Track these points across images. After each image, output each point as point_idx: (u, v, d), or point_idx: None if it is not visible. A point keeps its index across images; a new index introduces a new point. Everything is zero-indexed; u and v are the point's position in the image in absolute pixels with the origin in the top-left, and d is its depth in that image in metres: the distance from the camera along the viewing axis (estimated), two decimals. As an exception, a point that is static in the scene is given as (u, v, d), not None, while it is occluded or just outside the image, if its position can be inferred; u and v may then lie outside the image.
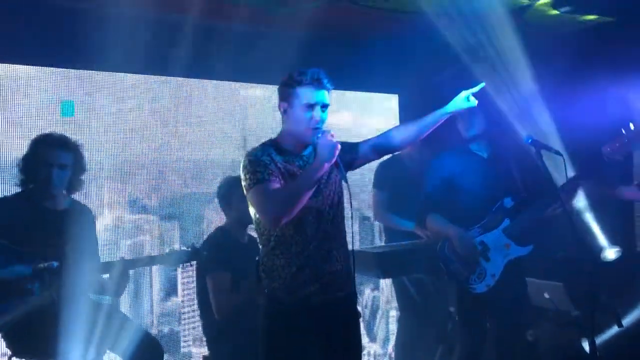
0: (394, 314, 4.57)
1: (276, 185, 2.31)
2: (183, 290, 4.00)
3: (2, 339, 2.89)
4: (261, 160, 2.34)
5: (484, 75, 4.41)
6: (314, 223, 2.37)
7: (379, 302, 4.79)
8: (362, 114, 4.82)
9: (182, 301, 4.01)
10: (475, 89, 2.57)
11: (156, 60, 3.72)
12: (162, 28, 3.62)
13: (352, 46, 4.39)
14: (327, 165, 2.29)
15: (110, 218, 3.76)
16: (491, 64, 4.58)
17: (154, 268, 3.89)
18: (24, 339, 2.76)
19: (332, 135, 2.32)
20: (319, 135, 2.33)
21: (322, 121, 2.39)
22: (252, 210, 2.45)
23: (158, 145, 3.98)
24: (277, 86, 2.47)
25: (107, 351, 2.97)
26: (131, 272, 3.03)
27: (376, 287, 4.78)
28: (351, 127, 4.66)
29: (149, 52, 3.61)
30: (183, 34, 3.69)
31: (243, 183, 2.37)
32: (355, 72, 4.36)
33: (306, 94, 2.36)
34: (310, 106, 2.36)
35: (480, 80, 2.59)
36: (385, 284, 4.63)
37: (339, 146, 2.31)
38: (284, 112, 2.42)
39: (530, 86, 4.37)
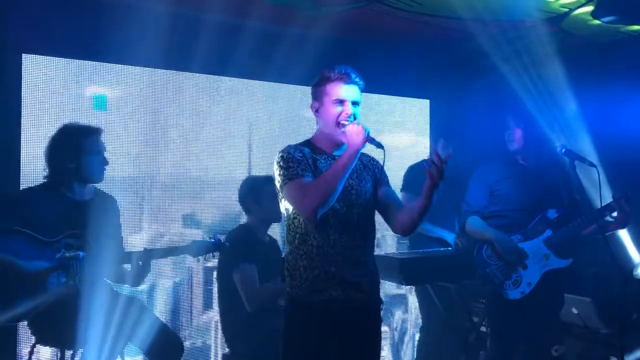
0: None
1: (310, 179, 2.30)
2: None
3: (27, 327, 2.94)
4: (294, 156, 2.33)
5: (517, 83, 4.36)
6: (339, 229, 2.33)
7: (407, 325, 4.70)
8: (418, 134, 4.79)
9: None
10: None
11: (188, 57, 3.75)
12: (194, 26, 3.65)
13: (384, 50, 4.37)
14: (357, 151, 2.26)
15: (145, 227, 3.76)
16: (526, 72, 4.51)
17: (194, 281, 3.90)
18: (49, 327, 2.79)
19: (357, 122, 2.30)
20: (344, 128, 2.31)
21: (354, 117, 2.36)
22: (283, 207, 2.43)
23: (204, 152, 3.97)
24: (308, 87, 2.46)
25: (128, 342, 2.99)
26: (170, 284, 3.02)
27: (405, 310, 4.70)
28: (408, 147, 4.64)
29: (184, 49, 3.65)
30: (214, 32, 3.71)
31: (277, 180, 2.36)
32: (387, 76, 4.33)
33: (335, 89, 2.35)
34: (340, 102, 2.35)
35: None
36: (415, 307, 4.51)
37: (368, 129, 2.28)
38: (316, 112, 2.41)
39: (567, 95, 4.29)
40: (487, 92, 4.59)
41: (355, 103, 2.38)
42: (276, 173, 2.35)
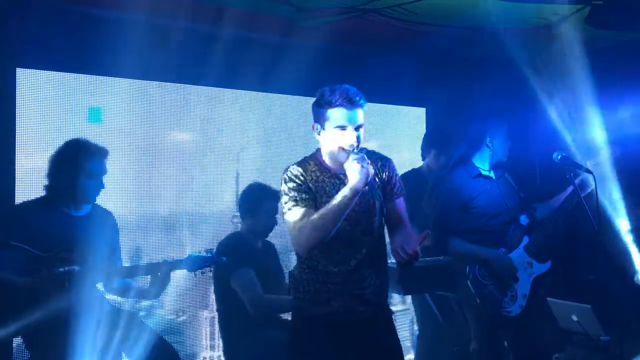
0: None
1: (309, 209, 2.25)
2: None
3: (22, 342, 2.91)
4: (296, 179, 2.30)
5: (514, 90, 4.37)
6: (343, 247, 2.32)
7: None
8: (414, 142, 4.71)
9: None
10: None
11: (184, 70, 3.75)
12: (190, 38, 3.66)
13: (380, 59, 4.38)
14: (357, 192, 2.19)
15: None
16: (523, 78, 4.52)
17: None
18: (43, 342, 2.76)
19: (363, 158, 2.20)
20: (349, 157, 2.22)
21: (357, 141, 2.28)
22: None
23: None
24: (303, 97, 2.46)
25: (124, 356, 2.97)
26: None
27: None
28: (403, 156, 4.56)
29: (179, 61, 3.65)
30: (210, 44, 3.72)
31: (282, 199, 2.34)
32: (383, 85, 4.33)
33: (337, 115, 2.26)
34: (342, 128, 2.27)
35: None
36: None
37: (372, 171, 2.20)
38: (318, 134, 2.34)
39: (564, 100, 4.30)
40: (483, 100, 4.60)
41: (358, 127, 2.29)
42: (282, 192, 2.34)
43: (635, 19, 3.97)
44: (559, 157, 2.99)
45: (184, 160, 3.94)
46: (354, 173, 2.18)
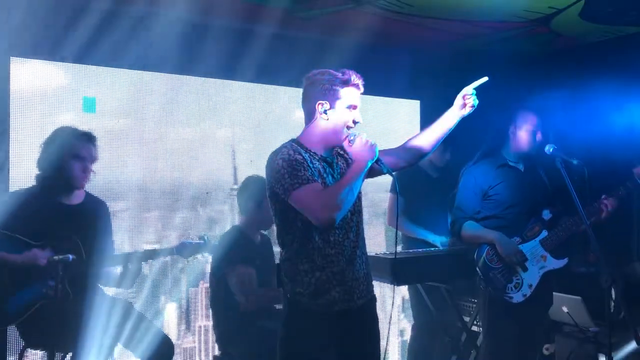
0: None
1: (320, 185, 2.27)
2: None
3: (16, 330, 2.92)
4: (296, 159, 2.27)
5: (506, 83, 4.37)
6: (339, 229, 2.33)
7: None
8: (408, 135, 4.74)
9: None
10: (477, 83, 2.54)
11: (177, 60, 3.75)
12: (187, 29, 3.65)
13: (374, 51, 4.38)
14: (368, 165, 2.31)
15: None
16: (515, 72, 4.53)
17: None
18: (38, 330, 2.78)
19: (363, 137, 2.35)
20: (352, 137, 2.35)
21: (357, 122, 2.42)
22: (273, 211, 2.38)
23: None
24: (293, 87, 2.47)
25: (119, 345, 2.99)
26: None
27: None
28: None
29: (173, 52, 3.65)
30: (206, 35, 3.72)
31: (281, 184, 2.25)
32: (377, 77, 4.31)
33: (351, 95, 2.37)
34: (353, 107, 2.38)
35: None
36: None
37: (376, 149, 2.34)
38: (324, 112, 2.34)
39: (556, 96, 4.32)
40: (478, 93, 4.60)
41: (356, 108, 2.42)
42: (279, 177, 2.25)
43: (629, 12, 3.98)
44: (551, 149, 3.01)
45: (178, 151, 3.94)
46: (366, 147, 2.32)
